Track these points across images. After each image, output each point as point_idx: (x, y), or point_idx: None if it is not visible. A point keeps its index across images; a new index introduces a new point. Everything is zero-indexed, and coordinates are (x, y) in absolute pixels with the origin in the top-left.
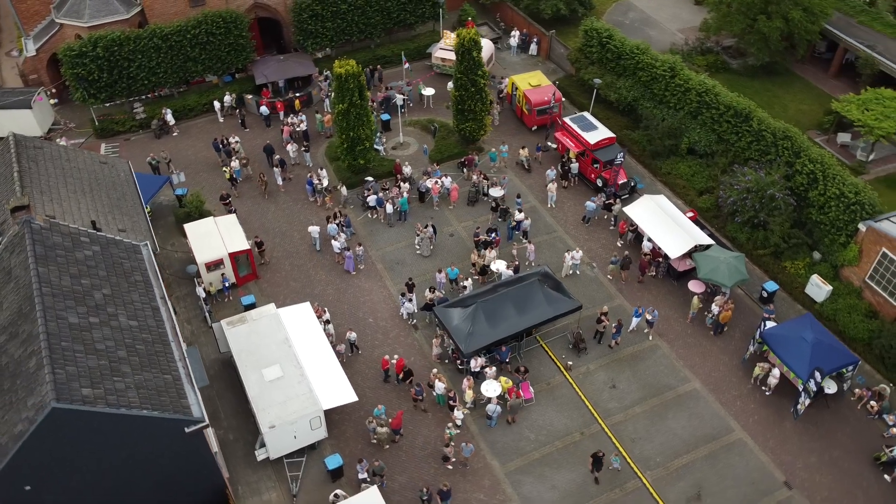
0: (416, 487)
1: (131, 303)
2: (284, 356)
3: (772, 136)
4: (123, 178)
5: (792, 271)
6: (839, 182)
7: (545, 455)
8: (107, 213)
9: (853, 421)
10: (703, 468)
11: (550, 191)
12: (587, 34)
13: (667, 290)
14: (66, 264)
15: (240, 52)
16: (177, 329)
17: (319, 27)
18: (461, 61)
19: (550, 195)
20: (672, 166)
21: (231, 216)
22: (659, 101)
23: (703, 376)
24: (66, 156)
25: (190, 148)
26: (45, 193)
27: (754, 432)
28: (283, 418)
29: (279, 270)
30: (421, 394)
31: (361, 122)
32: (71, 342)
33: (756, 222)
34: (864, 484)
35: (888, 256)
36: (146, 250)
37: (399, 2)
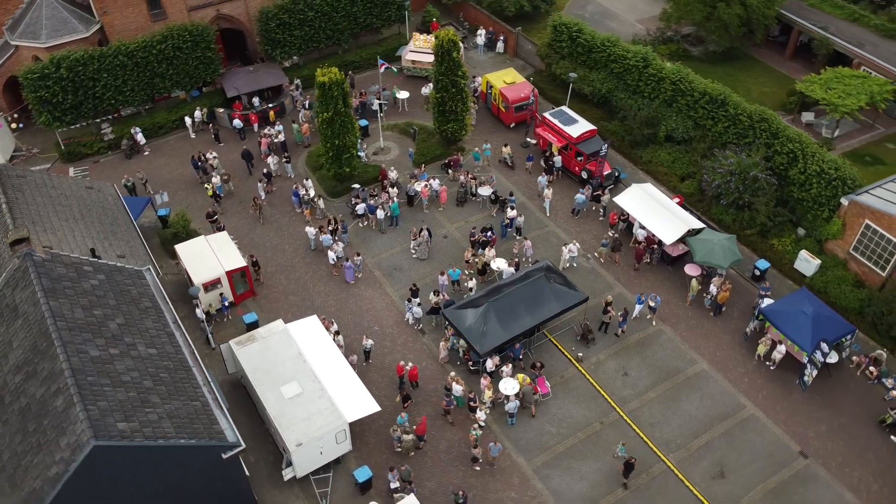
0: (447, 492)
1: (146, 330)
2: (300, 372)
3: (748, 119)
4: (112, 203)
5: (779, 248)
6: (819, 159)
7: (569, 447)
8: (102, 239)
9: (854, 387)
10: (721, 446)
11: (547, 197)
12: (556, 29)
13: (663, 275)
14: (76, 296)
15: (208, 66)
16: (195, 353)
17: (287, 36)
18: (441, 62)
19: (547, 200)
20: (652, 154)
21: (222, 233)
22: (633, 92)
23: (708, 356)
24: (51, 183)
25: (164, 167)
26: (37, 224)
27: (765, 407)
28: (309, 435)
29: (276, 285)
30: (451, 404)
31: (346, 130)
32: (97, 376)
33: (741, 204)
34: (874, 447)
35: (871, 227)
36: (149, 275)
37: (365, 6)
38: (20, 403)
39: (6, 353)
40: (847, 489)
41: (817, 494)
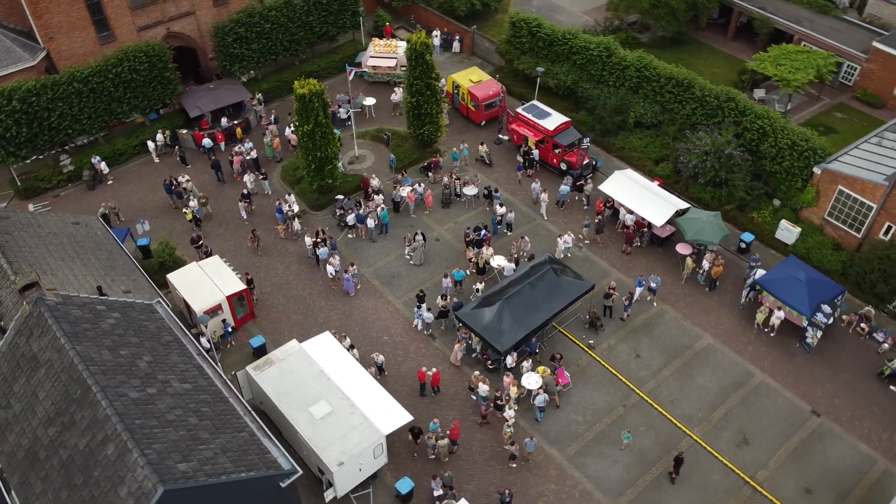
0: (487, 493)
1: (175, 365)
2: (326, 390)
3: (715, 99)
4: (102, 237)
5: (759, 220)
6: (788, 133)
7: (598, 434)
8: (104, 276)
9: (849, 344)
10: (740, 414)
11: (544, 201)
12: (515, 25)
13: (654, 257)
14: (97, 337)
15: (167, 86)
16: (228, 383)
17: (244, 50)
18: (415, 66)
19: (544, 204)
20: (624, 141)
21: (214, 258)
22: (598, 82)
23: (712, 330)
24: (36, 222)
25: (133, 194)
26: (35, 266)
27: (772, 372)
28: (348, 453)
29: (274, 306)
30: (489, 408)
31: (328, 141)
32: (143, 418)
33: (718, 181)
34: (877, 398)
35: (844, 192)
36: (161, 307)
37: (320, 15)
38: (60, 457)
39: (32, 406)
40: (860, 440)
41: (835, 449)
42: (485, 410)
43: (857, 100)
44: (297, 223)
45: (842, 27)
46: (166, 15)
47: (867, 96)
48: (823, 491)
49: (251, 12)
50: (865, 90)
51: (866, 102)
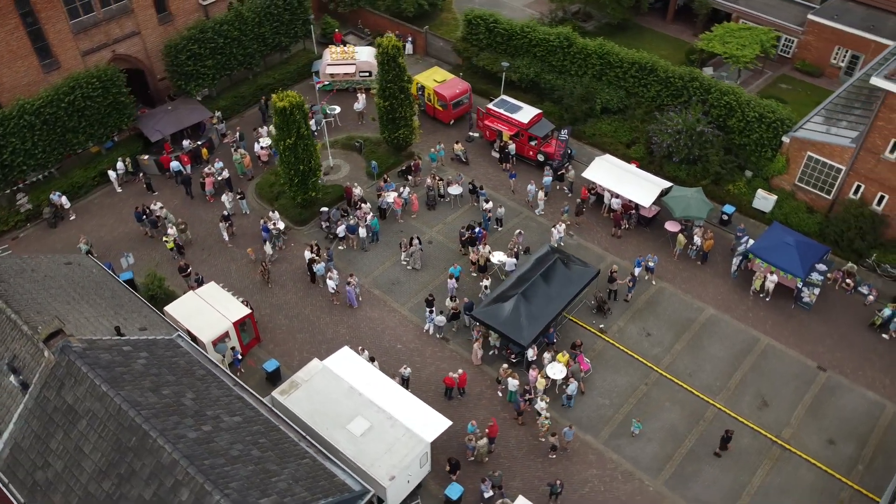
0: (534, 487)
1: (218, 399)
2: (361, 405)
3: (680, 80)
4: (99, 275)
5: (735, 192)
6: (755, 106)
7: (627, 414)
8: (113, 315)
9: (838, 301)
10: (754, 379)
11: (541, 200)
12: (471, 23)
13: (643, 237)
14: (135, 380)
15: (122, 112)
16: (274, 410)
17: (199, 67)
18: (387, 70)
19: (541, 203)
20: (594, 128)
21: (210, 285)
22: (560, 72)
23: (712, 302)
24: (28, 266)
25: (100, 228)
26: (42, 312)
27: (775, 334)
28: (397, 465)
29: (277, 327)
30: (525, 402)
31: (310, 154)
32: (210, 458)
33: (692, 158)
34: (873, 347)
35: (813, 158)
36: (183, 341)
37: (272, 25)
38: None
39: (77, 461)
40: (867, 389)
41: (846, 400)
42: (524, 406)
43: (798, 70)
44: (268, 246)
45: (775, 3)
46: (111, 37)
47: (806, 66)
48: (844, 440)
49: (203, 28)
50: (804, 61)
51: (806, 72)
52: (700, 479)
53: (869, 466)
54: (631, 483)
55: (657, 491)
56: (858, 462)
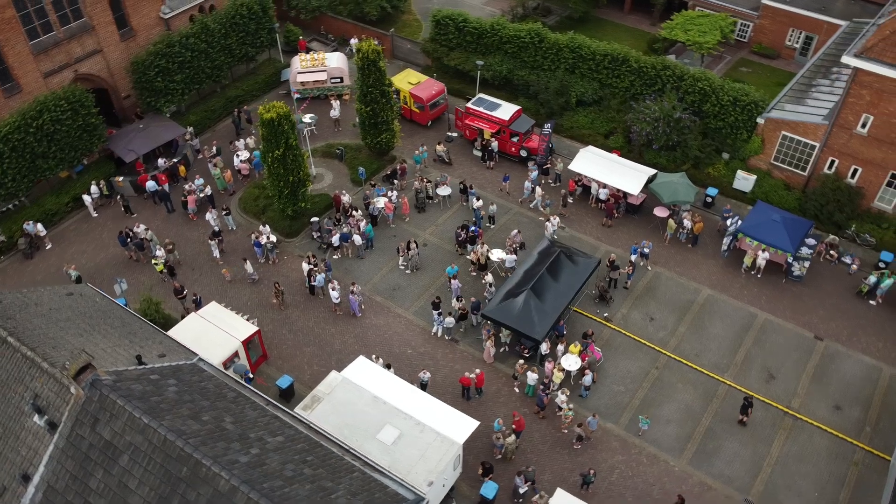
0: (564, 479)
1: (256, 420)
2: (387, 414)
3: (652, 69)
4: (104, 303)
5: (715, 174)
6: (728, 90)
7: (642, 399)
8: (128, 344)
9: (825, 271)
10: (758, 353)
11: (538, 196)
12: (440, 23)
13: (633, 224)
14: (173, 409)
15: (93, 134)
16: (312, 427)
17: (168, 82)
18: (368, 75)
19: (538, 199)
20: (571, 120)
21: (211, 304)
22: (532, 67)
23: (707, 282)
24: (30, 300)
25: (81, 255)
26: (57, 348)
27: (771, 309)
28: (434, 471)
29: (282, 342)
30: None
31: (299, 164)
32: (266, 480)
33: (671, 145)
34: (863, 314)
35: (788, 137)
36: (205, 364)
37: (238, 36)
38: None
39: (123, 498)
40: (862, 354)
41: (845, 366)
42: (547, 400)
43: (755, 53)
44: (248, 265)
45: None
46: (72, 56)
47: (762, 49)
48: (850, 405)
49: (169, 42)
50: (760, 44)
51: (763, 55)
52: (722, 455)
53: (876, 427)
54: (657, 465)
55: (683, 470)
56: (865, 424)
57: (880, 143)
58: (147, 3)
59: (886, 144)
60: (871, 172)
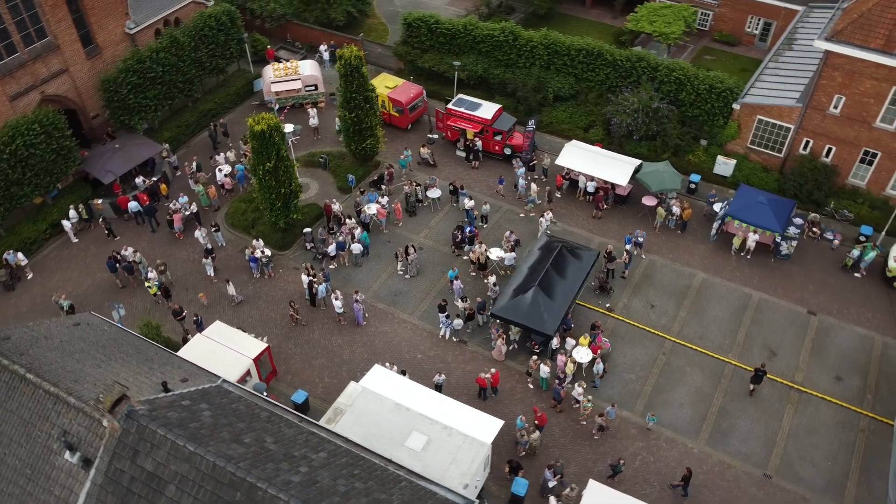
0: (590, 470)
1: (295, 438)
2: (412, 420)
3: (627, 61)
4: (113, 331)
5: (695, 161)
6: (703, 79)
7: (654, 385)
8: (148, 371)
9: (809, 248)
10: (758, 332)
11: (533, 192)
12: (411, 26)
13: (622, 214)
14: (214, 433)
15: (67, 157)
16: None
17: (142, 99)
18: (351, 80)
19: (534, 194)
20: (550, 116)
21: (216, 324)
22: (507, 66)
23: (700, 266)
24: (39, 333)
25: (66, 283)
26: (79, 382)
27: (764, 288)
28: (467, 473)
29: (290, 356)
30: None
31: (290, 175)
32: (326, 498)
33: (651, 134)
34: (850, 287)
35: (763, 121)
36: (229, 386)
37: (208, 48)
38: None
39: None
40: (854, 324)
41: (840, 338)
42: (564, 393)
43: (716, 41)
44: (231, 287)
45: None
46: (38, 77)
47: (724, 37)
48: (850, 374)
49: (140, 58)
50: (721, 31)
51: (724, 42)
52: (736, 433)
53: (876, 395)
54: (676, 449)
55: (701, 451)
56: (866, 392)
57: (852, 121)
58: (112, 19)
59: (858, 123)
60: (844, 150)
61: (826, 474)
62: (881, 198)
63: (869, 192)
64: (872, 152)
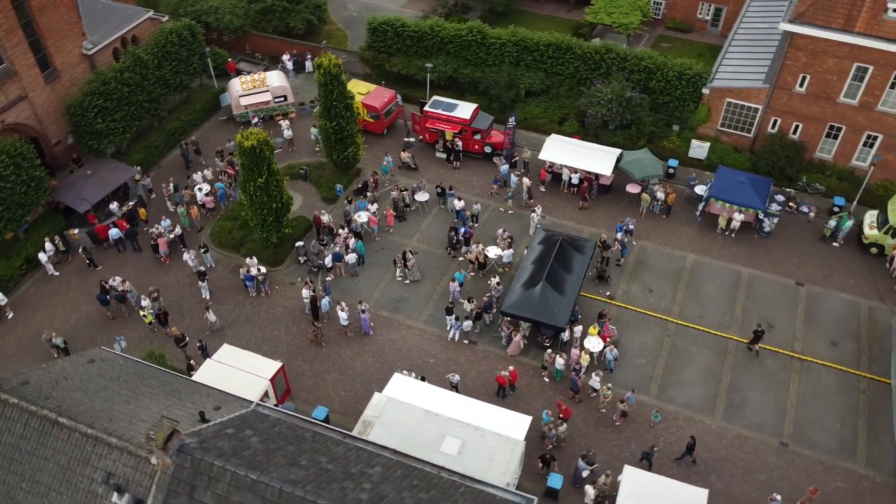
0: (618, 456)
1: (346, 455)
2: (443, 426)
3: (597, 53)
4: (130, 365)
5: (670, 146)
6: (672, 66)
7: (664, 367)
8: (178, 402)
9: (788, 222)
10: (753, 306)
11: (525, 185)
12: (376, 30)
13: (607, 203)
14: (269, 459)
15: (38, 188)
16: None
17: (109, 122)
18: (331, 90)
19: (526, 189)
20: (524, 111)
21: (224, 347)
22: (476, 65)
23: (690, 248)
24: (57, 374)
25: (51, 319)
26: (114, 421)
27: (752, 264)
28: (506, 472)
29: (301, 373)
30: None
31: (281, 189)
32: None
33: (625, 123)
34: (831, 256)
35: (733, 103)
36: (265, 408)
37: (171, 65)
38: None
39: None
40: (839, 291)
41: (828, 305)
42: (581, 383)
43: (670, 28)
44: (211, 314)
45: None
46: None
47: (677, 24)
48: (844, 339)
49: (105, 79)
50: (674, 19)
51: (678, 29)
52: (749, 406)
53: (871, 356)
54: (694, 426)
55: (719, 426)
56: (861, 355)
57: (817, 98)
58: (68, 41)
59: (823, 99)
60: (811, 127)
61: (837, 436)
62: (847, 169)
63: (836, 165)
64: (837, 126)
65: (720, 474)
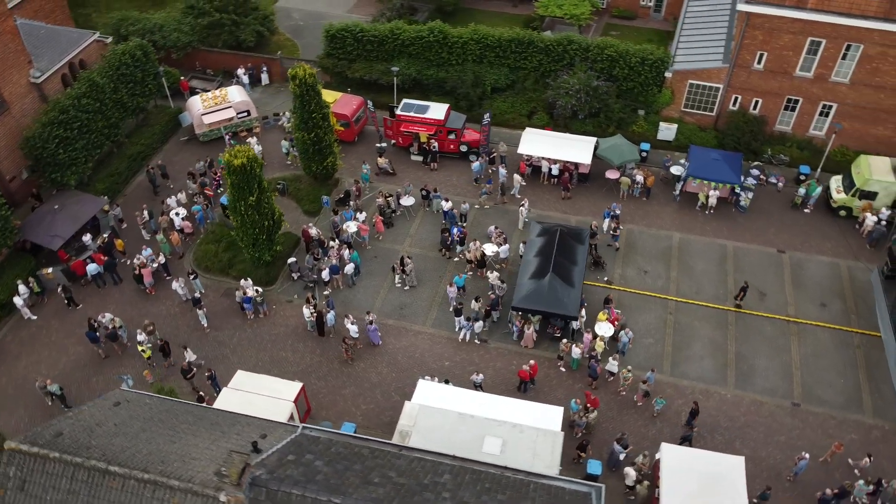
0: (644, 436)
1: (410, 465)
2: (480, 427)
3: (559, 45)
4: (157, 402)
5: (639, 131)
6: (633, 53)
7: (673, 344)
8: (222, 435)
9: (760, 194)
10: (743, 277)
11: (517, 182)
12: (334, 37)
13: (588, 191)
14: (343, 480)
15: (4, 228)
16: (455, 455)
17: (71, 152)
18: (308, 101)
19: (517, 185)
20: (492, 108)
21: (238, 374)
22: (439, 65)
23: (674, 227)
24: (89, 420)
25: (37, 365)
26: (167, 463)
27: (735, 237)
28: (552, 465)
29: (318, 391)
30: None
31: (272, 207)
32: None
33: (594, 112)
34: (804, 222)
35: (695, 84)
36: (311, 431)
37: (127, 87)
38: None
39: None
40: (818, 255)
41: (811, 269)
42: (600, 369)
43: (616, 17)
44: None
45: None
46: None
47: (621, 12)
48: (831, 300)
49: (63, 108)
50: (618, 8)
51: (623, 17)
52: (757, 373)
53: (858, 313)
54: (712, 399)
55: (734, 395)
56: (849, 312)
57: (775, 74)
58: (15, 70)
59: (780, 75)
60: (770, 101)
61: (842, 392)
62: (805, 138)
63: (794, 136)
64: (795, 99)
65: (744, 440)
